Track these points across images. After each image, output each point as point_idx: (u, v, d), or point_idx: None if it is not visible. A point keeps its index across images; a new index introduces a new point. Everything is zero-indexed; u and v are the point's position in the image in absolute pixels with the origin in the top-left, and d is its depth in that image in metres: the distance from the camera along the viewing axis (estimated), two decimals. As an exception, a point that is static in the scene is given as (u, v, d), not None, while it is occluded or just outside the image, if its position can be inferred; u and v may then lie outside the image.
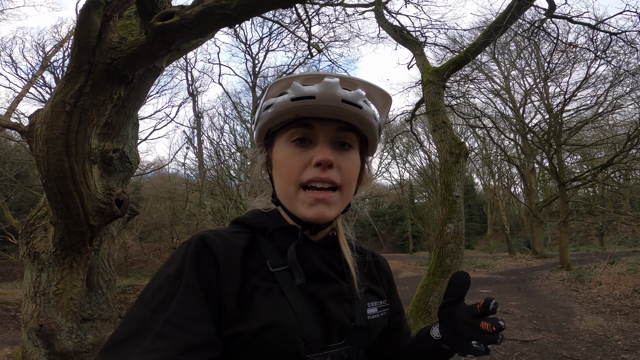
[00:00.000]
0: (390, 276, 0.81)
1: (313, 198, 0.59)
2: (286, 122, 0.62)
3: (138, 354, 0.45)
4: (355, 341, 0.62)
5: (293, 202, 0.61)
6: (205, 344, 0.49)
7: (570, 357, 4.16)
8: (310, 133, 0.61)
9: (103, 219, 1.89)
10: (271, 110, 0.61)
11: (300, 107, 0.59)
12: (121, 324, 0.50)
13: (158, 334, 0.47)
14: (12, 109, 9.93)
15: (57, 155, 1.45)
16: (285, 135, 0.62)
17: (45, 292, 1.98)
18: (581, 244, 19.58)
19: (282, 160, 0.62)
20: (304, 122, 0.60)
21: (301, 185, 0.60)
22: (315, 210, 0.59)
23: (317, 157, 0.59)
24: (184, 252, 0.55)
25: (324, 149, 0.59)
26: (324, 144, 0.60)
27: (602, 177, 12.43)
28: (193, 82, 15.47)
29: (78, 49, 1.18)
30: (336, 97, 0.57)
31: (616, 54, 7.57)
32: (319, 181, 0.59)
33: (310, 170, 0.59)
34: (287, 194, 0.62)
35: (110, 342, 0.47)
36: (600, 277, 8.05)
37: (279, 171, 0.63)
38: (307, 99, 0.58)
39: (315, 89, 0.58)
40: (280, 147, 0.63)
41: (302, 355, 0.55)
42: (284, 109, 0.60)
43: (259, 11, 1.17)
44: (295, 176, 0.60)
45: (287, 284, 0.58)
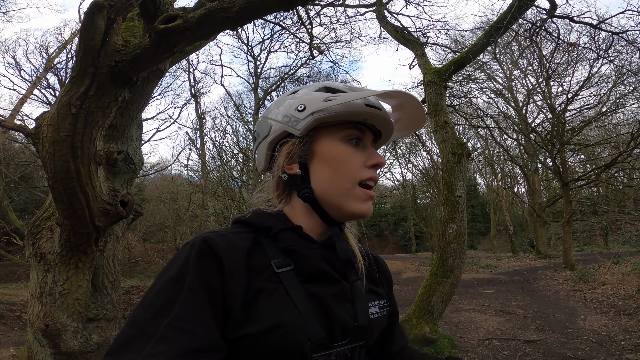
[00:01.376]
0: (389, 277, 0.82)
1: (368, 195, 0.66)
2: (342, 121, 0.66)
3: (141, 358, 0.45)
4: (358, 340, 0.63)
5: (345, 197, 0.64)
6: (208, 347, 0.49)
7: (574, 357, 4.14)
8: (362, 137, 0.68)
9: (108, 220, 1.91)
10: (339, 107, 0.64)
11: (370, 114, 0.66)
12: (123, 327, 0.50)
13: (160, 338, 0.47)
14: (16, 110, 10.02)
15: (63, 157, 1.47)
16: (340, 133, 0.66)
17: (51, 292, 2.00)
18: (585, 244, 19.47)
19: (339, 156, 0.65)
20: (360, 126, 0.67)
21: (358, 183, 0.65)
22: (367, 206, 0.66)
23: (375, 159, 0.66)
24: (186, 254, 0.55)
25: (377, 154, 0.68)
26: (373, 148, 0.69)
27: (606, 177, 12.36)
28: (195, 84, 15.56)
29: (83, 51, 1.20)
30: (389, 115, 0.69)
31: (618, 53, 7.55)
32: (374, 180, 0.66)
33: (366, 170, 0.66)
34: (339, 189, 0.64)
35: (114, 346, 0.48)
36: (604, 277, 8.00)
37: (332, 165, 0.65)
38: (376, 109, 0.66)
39: (379, 103, 0.68)
40: (333, 142, 0.66)
41: (308, 355, 0.55)
42: (357, 110, 0.65)
43: (260, 14, 1.19)
44: (355, 173, 0.64)
45: (291, 285, 0.58)
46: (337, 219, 0.67)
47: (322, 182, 0.65)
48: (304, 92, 0.69)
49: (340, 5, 6.67)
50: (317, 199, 0.65)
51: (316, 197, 0.65)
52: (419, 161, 25.50)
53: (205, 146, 15.46)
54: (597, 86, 11.92)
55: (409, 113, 0.74)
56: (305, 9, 5.90)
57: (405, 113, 0.74)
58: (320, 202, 0.65)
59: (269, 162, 0.70)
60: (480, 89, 14.04)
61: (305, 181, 0.66)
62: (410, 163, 25.25)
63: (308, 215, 0.67)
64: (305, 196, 0.65)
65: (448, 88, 6.08)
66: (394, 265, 13.71)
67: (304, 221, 0.67)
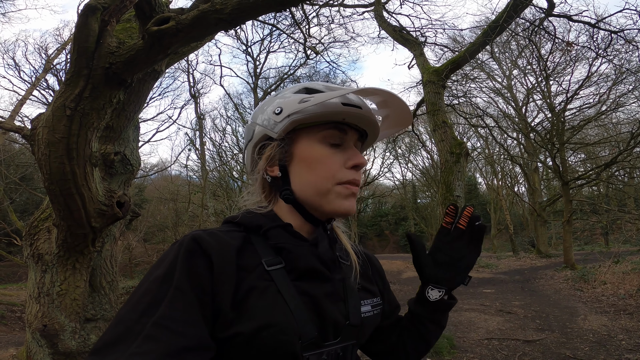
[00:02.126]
0: (382, 274, 0.81)
1: (350, 191, 0.64)
2: (321, 122, 0.65)
3: (125, 357, 0.44)
4: (350, 339, 0.63)
5: (326, 197, 0.63)
6: (196, 346, 0.49)
7: (573, 357, 4.14)
8: (343, 137, 0.66)
9: (105, 221, 1.92)
10: (314, 108, 0.63)
11: (348, 112, 0.64)
12: (109, 326, 0.49)
13: (146, 337, 0.46)
14: (15, 112, 10.03)
15: (58, 159, 1.48)
16: (318, 134, 0.65)
17: (49, 292, 2.01)
18: (586, 243, 19.44)
19: (318, 158, 0.64)
20: (340, 126, 0.66)
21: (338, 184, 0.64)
22: (349, 203, 0.64)
23: (355, 160, 0.65)
24: (175, 253, 0.54)
25: (359, 154, 0.66)
26: (355, 148, 0.67)
27: (606, 176, 12.35)
28: (195, 84, 15.57)
29: (77, 53, 1.20)
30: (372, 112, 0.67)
31: (617, 52, 7.54)
32: (354, 183, 0.65)
33: (346, 171, 0.64)
34: (319, 190, 0.64)
35: (98, 344, 0.47)
36: (604, 277, 7.99)
37: (311, 167, 0.64)
38: (355, 107, 0.64)
39: (358, 101, 0.66)
40: (311, 144, 0.65)
41: (299, 354, 0.55)
42: (334, 110, 0.64)
43: (253, 15, 1.19)
44: (333, 174, 0.63)
45: (282, 283, 0.58)
46: (320, 219, 0.67)
47: (302, 184, 0.65)
48: (282, 94, 0.69)
49: (338, 5, 6.68)
50: (298, 200, 0.65)
51: (297, 198, 0.65)
52: (419, 161, 25.52)
53: (204, 147, 15.48)
54: (596, 85, 11.92)
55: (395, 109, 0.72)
56: (302, 10, 5.91)
57: (391, 110, 0.73)
58: (301, 203, 0.65)
59: (255, 164, 0.71)
60: (479, 88, 14.06)
61: (285, 183, 0.66)
62: (411, 163, 25.27)
63: (293, 215, 0.67)
64: (285, 197, 0.66)
65: (447, 87, 6.08)
66: (394, 265, 13.71)
67: (291, 221, 0.66)
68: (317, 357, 0.57)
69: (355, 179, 0.65)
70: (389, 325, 0.77)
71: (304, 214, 0.66)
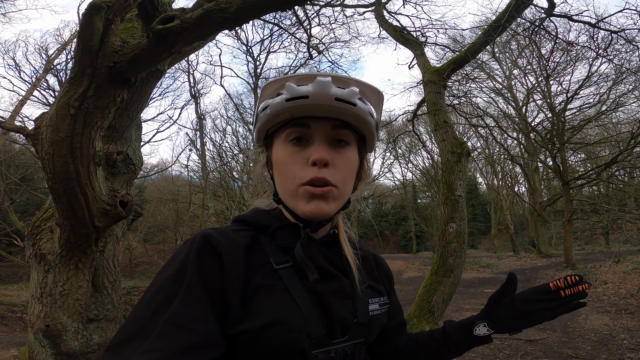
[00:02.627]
0: (390, 275, 0.82)
1: (311, 192, 0.59)
2: (283, 122, 0.63)
3: (139, 354, 0.45)
4: (358, 337, 0.63)
5: (294, 199, 0.62)
6: (207, 343, 0.49)
7: (575, 356, 4.13)
8: (307, 132, 0.62)
9: (108, 220, 1.92)
10: (268, 112, 0.62)
11: (294, 107, 0.60)
12: (123, 324, 0.50)
13: (159, 334, 0.47)
14: (16, 112, 10.03)
15: (62, 158, 1.48)
16: (282, 135, 0.63)
17: (51, 292, 2.01)
18: (586, 243, 19.43)
19: (282, 160, 0.63)
20: (300, 121, 0.62)
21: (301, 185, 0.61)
22: (314, 205, 0.60)
23: (313, 156, 0.60)
24: (187, 251, 0.55)
25: (319, 148, 0.60)
26: (320, 142, 0.61)
27: (607, 176, 12.34)
28: (195, 84, 15.59)
29: (81, 52, 1.20)
30: (329, 95, 0.58)
31: (618, 52, 7.54)
32: (317, 181, 0.60)
33: (308, 170, 0.60)
34: (287, 192, 0.63)
35: (113, 342, 0.48)
36: (605, 276, 7.99)
37: (279, 170, 0.64)
38: (301, 98, 0.59)
39: (309, 88, 0.59)
40: (278, 147, 0.64)
41: (307, 352, 0.55)
42: (280, 110, 0.61)
43: (257, 14, 1.19)
44: (295, 175, 0.61)
45: (291, 281, 0.58)
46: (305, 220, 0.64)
47: (278, 187, 0.66)
48: None
49: (339, 5, 6.68)
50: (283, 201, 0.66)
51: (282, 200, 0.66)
52: (419, 161, 25.51)
53: (205, 147, 15.48)
54: (596, 85, 11.91)
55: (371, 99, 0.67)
56: (303, 9, 5.91)
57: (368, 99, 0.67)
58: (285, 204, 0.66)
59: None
60: (480, 88, 14.05)
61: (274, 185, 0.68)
62: (411, 163, 25.26)
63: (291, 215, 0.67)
64: (275, 199, 0.68)
65: (448, 87, 6.08)
66: (394, 265, 13.71)
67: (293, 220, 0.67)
68: (325, 354, 0.58)
69: (317, 177, 0.59)
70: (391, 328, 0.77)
71: (291, 213, 0.65)
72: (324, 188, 0.60)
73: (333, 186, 0.60)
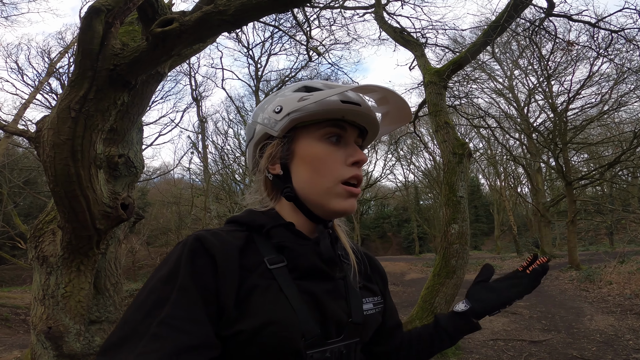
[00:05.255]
0: (383, 275, 0.82)
1: (350, 192, 0.64)
2: (320, 120, 0.65)
3: (132, 357, 0.45)
4: (353, 337, 0.63)
5: (327, 195, 0.64)
6: (201, 345, 0.49)
7: (580, 357, 4.10)
8: (343, 134, 0.66)
9: (109, 223, 1.93)
10: (314, 106, 0.63)
11: (347, 110, 0.65)
12: (116, 327, 0.49)
13: (152, 336, 0.47)
14: (19, 115, 10.09)
15: (63, 161, 1.49)
16: (318, 132, 0.65)
17: (53, 294, 2.02)
18: (591, 244, 19.31)
19: (318, 155, 0.64)
20: (340, 123, 0.66)
21: (340, 181, 0.64)
22: (350, 203, 0.64)
23: (356, 156, 0.65)
24: (179, 253, 0.55)
25: (359, 151, 0.66)
26: (355, 145, 0.67)
27: (610, 176, 12.28)
28: (197, 87, 15.65)
29: (81, 55, 1.21)
30: (372, 109, 0.68)
31: (618, 51, 7.51)
32: (356, 179, 0.65)
33: (347, 169, 0.64)
34: (320, 187, 0.64)
35: (106, 345, 0.48)
36: (610, 277, 7.94)
37: (312, 165, 0.64)
38: (354, 104, 0.65)
39: (358, 99, 0.66)
40: (312, 142, 0.65)
41: (302, 352, 0.55)
42: (332, 108, 0.64)
43: (256, 16, 1.20)
44: (334, 172, 0.64)
45: (285, 281, 0.58)
46: (322, 217, 0.67)
47: (303, 182, 0.65)
48: (283, 93, 0.70)
49: (338, 7, 6.70)
50: (299, 198, 0.66)
51: (299, 196, 0.66)
52: (421, 162, 25.48)
53: (207, 150, 15.53)
54: (598, 85, 11.87)
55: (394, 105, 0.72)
56: (303, 11, 5.93)
57: (390, 106, 0.73)
58: (303, 201, 0.66)
59: (257, 163, 0.71)
60: (481, 89, 14.04)
61: (287, 181, 0.66)
62: (413, 164, 25.24)
63: (295, 213, 0.67)
64: (287, 195, 0.66)
65: (449, 88, 6.08)
66: (397, 266, 13.67)
67: (293, 219, 0.67)
68: (321, 355, 0.58)
69: (357, 175, 0.65)
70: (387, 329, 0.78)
71: (305, 211, 0.66)
72: (358, 189, 0.66)
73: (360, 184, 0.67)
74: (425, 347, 0.79)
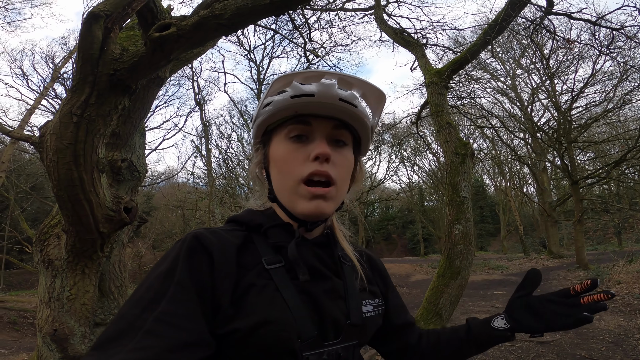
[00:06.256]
0: (385, 274, 0.80)
1: (312, 193, 0.60)
2: (284, 119, 0.64)
3: (126, 352, 0.44)
4: (352, 339, 0.62)
5: (292, 197, 0.62)
6: (196, 342, 0.49)
7: (589, 357, 4.05)
8: (308, 130, 0.63)
9: (112, 226, 1.95)
10: (271, 107, 0.63)
11: (299, 104, 0.61)
12: (111, 322, 0.49)
13: (147, 332, 0.46)
14: (25, 121, 10.19)
15: (66, 165, 1.51)
16: (283, 132, 0.64)
17: (59, 297, 2.04)
18: (599, 243, 19.06)
19: (281, 156, 0.63)
20: (302, 119, 0.63)
21: (302, 180, 0.61)
22: (314, 205, 0.60)
23: (316, 150, 0.60)
24: (177, 250, 0.55)
25: (322, 144, 0.61)
26: (322, 139, 0.62)
27: (616, 174, 12.13)
28: (199, 91, 15.76)
29: (82, 60, 1.24)
30: (334, 95, 0.61)
31: (620, 49, 7.43)
32: (318, 174, 0.60)
33: (309, 165, 0.61)
34: (285, 189, 0.63)
35: (100, 340, 0.47)
36: (618, 276, 7.83)
37: (277, 166, 0.64)
38: (307, 96, 0.61)
39: (314, 88, 0.61)
40: (278, 143, 0.65)
41: (298, 353, 0.55)
42: (284, 106, 0.62)
43: (252, 20, 1.22)
44: (295, 171, 0.61)
45: (282, 281, 0.58)
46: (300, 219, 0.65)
47: (276, 184, 0.66)
48: None
49: (337, 9, 6.72)
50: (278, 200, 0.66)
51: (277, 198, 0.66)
52: (425, 163, 25.40)
53: (210, 153, 15.61)
54: (602, 83, 11.76)
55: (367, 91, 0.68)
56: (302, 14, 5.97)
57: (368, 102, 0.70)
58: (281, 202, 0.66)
59: None
60: (483, 88, 13.98)
61: (270, 183, 0.68)
62: (417, 165, 25.16)
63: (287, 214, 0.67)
64: (270, 197, 0.68)
65: (450, 89, 6.06)
66: (402, 268, 13.60)
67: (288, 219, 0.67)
68: (318, 357, 0.57)
69: (318, 171, 0.60)
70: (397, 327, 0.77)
71: (287, 212, 0.65)
72: (324, 189, 0.61)
73: (333, 183, 0.62)
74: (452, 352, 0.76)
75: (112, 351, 0.45)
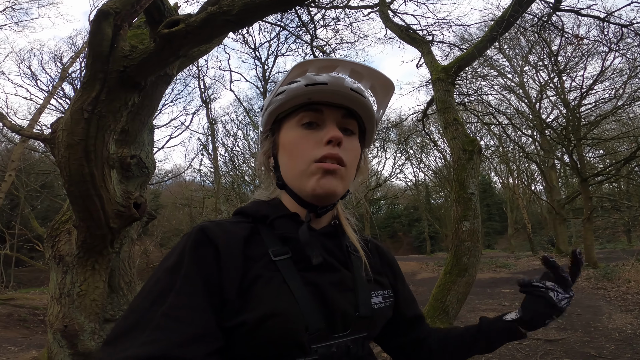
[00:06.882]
0: (394, 265, 0.79)
1: (324, 168, 0.61)
2: (295, 107, 0.66)
3: (136, 346, 0.45)
4: (361, 331, 0.61)
5: (302, 177, 0.63)
6: (205, 334, 0.49)
7: (598, 355, 4.01)
8: (319, 117, 0.65)
9: (122, 222, 1.97)
10: (284, 96, 0.65)
11: (312, 91, 0.64)
12: (121, 317, 0.50)
13: (157, 326, 0.47)
14: (34, 120, 10.31)
15: (77, 161, 1.53)
16: (294, 119, 0.66)
17: (69, 293, 2.07)
18: (608, 241, 18.80)
19: (293, 141, 0.65)
20: (314, 107, 0.65)
21: (314, 162, 0.62)
22: (325, 181, 0.61)
23: (329, 134, 0.62)
24: (184, 243, 0.56)
25: (334, 128, 0.64)
26: (333, 124, 0.65)
27: (626, 172, 11.94)
28: (206, 90, 15.85)
29: (92, 58, 1.26)
30: (345, 85, 0.64)
31: (630, 46, 7.30)
32: (330, 157, 0.62)
33: (322, 148, 0.62)
34: (296, 172, 0.64)
35: (111, 335, 0.48)
36: (628, 275, 7.73)
37: (288, 151, 0.65)
38: (320, 85, 0.63)
39: (327, 78, 0.64)
40: (289, 130, 0.66)
41: (306, 345, 0.54)
42: (297, 93, 0.64)
43: (259, 15, 1.22)
44: (307, 154, 0.63)
45: (289, 273, 0.58)
46: (309, 201, 0.65)
47: (286, 169, 0.67)
48: None
49: (343, 7, 6.70)
50: (287, 185, 0.67)
51: (286, 184, 0.67)
52: (432, 161, 25.26)
53: (217, 151, 15.70)
54: (611, 80, 11.56)
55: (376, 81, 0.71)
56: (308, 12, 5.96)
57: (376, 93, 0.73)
58: (291, 188, 0.66)
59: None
60: (490, 85, 13.85)
61: (277, 170, 0.69)
62: (423, 163, 25.03)
63: (294, 202, 0.67)
64: (278, 184, 0.69)
65: (457, 85, 6.01)
66: (408, 266, 13.56)
67: (294, 209, 0.67)
68: (326, 349, 0.56)
69: (331, 154, 0.62)
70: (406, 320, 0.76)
71: (296, 198, 0.66)
72: (335, 165, 0.62)
73: (344, 165, 0.63)
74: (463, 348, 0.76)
75: (123, 346, 0.46)
